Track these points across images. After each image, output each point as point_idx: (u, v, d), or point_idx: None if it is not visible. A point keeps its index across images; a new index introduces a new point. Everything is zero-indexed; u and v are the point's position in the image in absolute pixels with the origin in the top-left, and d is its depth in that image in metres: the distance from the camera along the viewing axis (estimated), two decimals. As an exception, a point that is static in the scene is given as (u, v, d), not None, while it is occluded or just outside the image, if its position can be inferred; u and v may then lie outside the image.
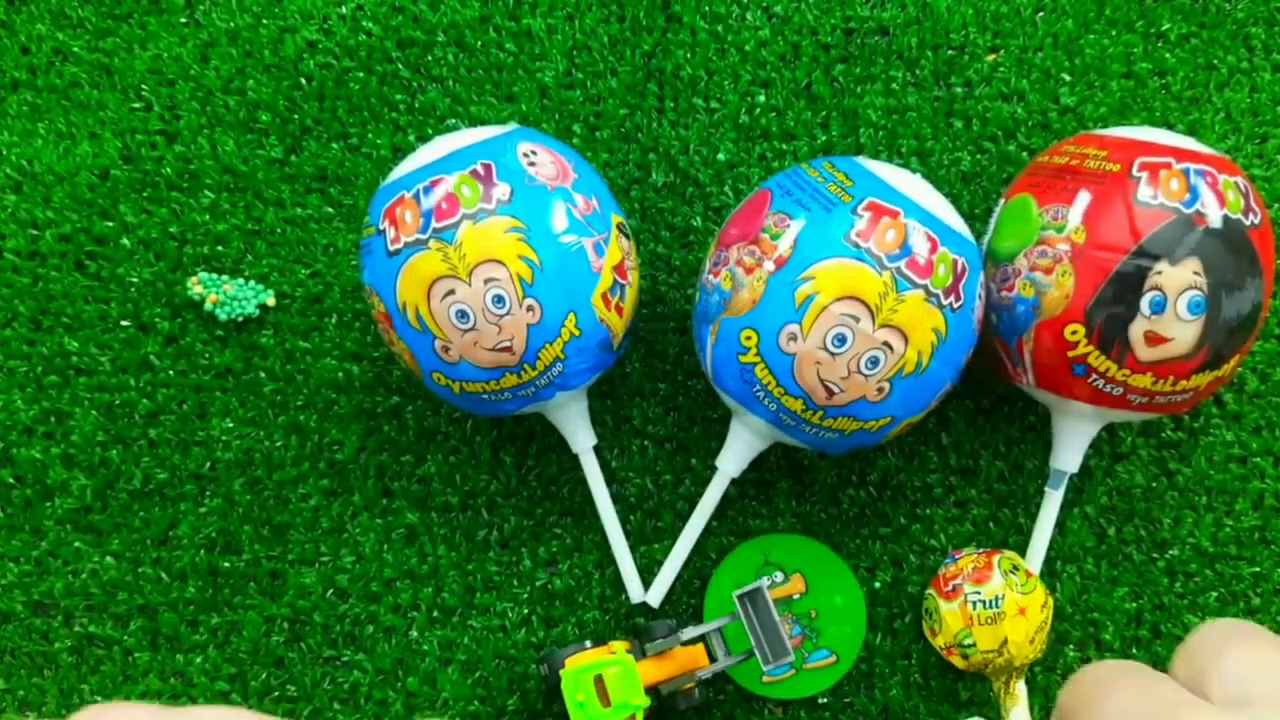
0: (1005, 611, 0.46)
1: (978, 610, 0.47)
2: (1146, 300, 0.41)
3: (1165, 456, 0.53)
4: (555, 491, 0.53)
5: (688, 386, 0.54)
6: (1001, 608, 0.46)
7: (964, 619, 0.47)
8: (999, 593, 0.47)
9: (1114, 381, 0.43)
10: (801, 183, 0.44)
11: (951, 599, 0.48)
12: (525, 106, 0.55)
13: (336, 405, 0.53)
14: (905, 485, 0.53)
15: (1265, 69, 0.55)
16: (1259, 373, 0.53)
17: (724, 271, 0.44)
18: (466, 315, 0.42)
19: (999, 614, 0.46)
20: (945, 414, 0.53)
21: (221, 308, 0.53)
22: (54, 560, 0.52)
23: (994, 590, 0.47)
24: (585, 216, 0.44)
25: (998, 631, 0.46)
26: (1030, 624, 0.47)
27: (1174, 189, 0.42)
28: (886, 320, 0.41)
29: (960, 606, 0.47)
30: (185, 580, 0.52)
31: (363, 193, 0.55)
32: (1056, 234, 0.43)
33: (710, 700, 0.51)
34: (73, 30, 0.56)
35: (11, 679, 0.52)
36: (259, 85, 0.56)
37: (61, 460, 0.53)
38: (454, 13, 0.56)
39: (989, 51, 0.56)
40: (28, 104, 0.56)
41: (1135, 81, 0.55)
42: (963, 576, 0.48)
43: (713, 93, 0.55)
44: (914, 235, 0.41)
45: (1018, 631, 0.46)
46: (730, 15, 0.56)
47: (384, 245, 0.43)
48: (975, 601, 0.47)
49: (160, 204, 0.55)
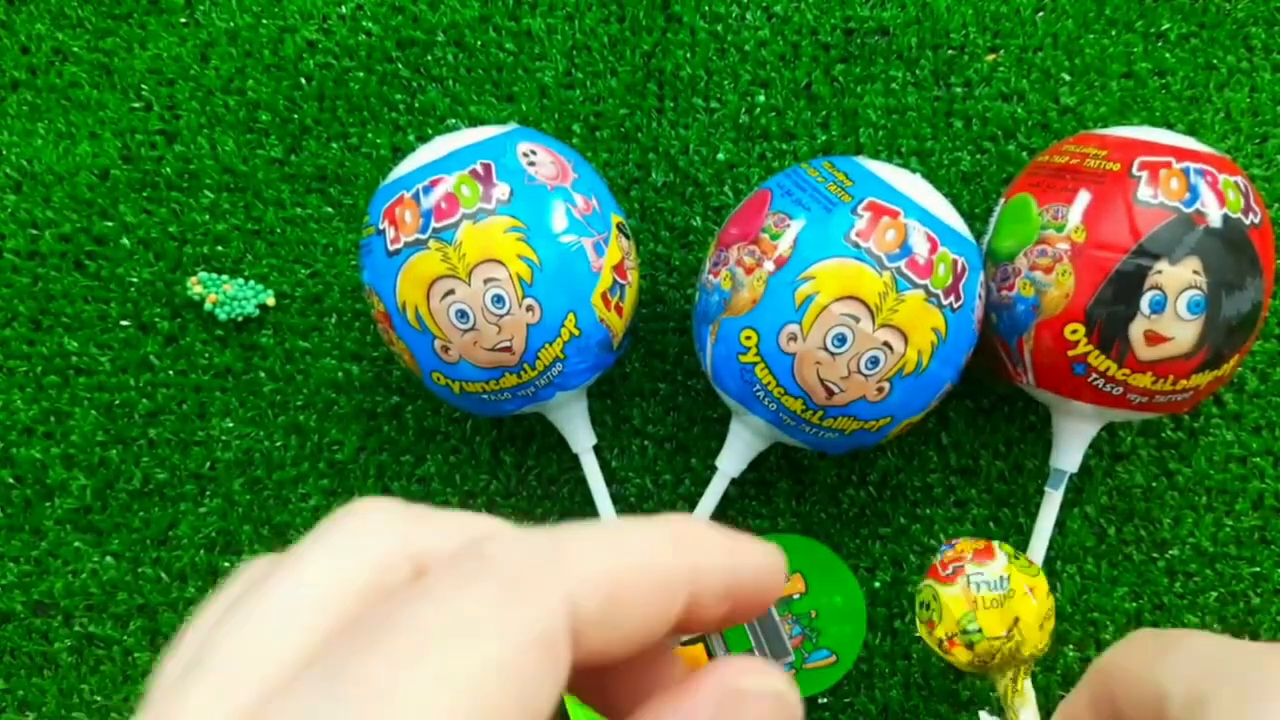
0: (1014, 590, 0.42)
1: (982, 592, 0.42)
2: (1146, 299, 0.41)
3: (1165, 456, 0.53)
4: (555, 491, 0.53)
5: (688, 386, 0.54)
6: (1009, 587, 0.42)
7: (967, 603, 0.42)
8: (1004, 572, 0.42)
9: (1114, 381, 0.43)
10: (801, 182, 0.44)
11: (951, 582, 0.43)
12: (525, 106, 0.55)
13: (336, 405, 0.53)
14: (905, 485, 0.53)
15: (1265, 69, 0.55)
16: (1259, 372, 0.53)
17: (724, 271, 0.44)
18: (466, 315, 0.42)
19: (1007, 594, 0.42)
20: (945, 414, 0.53)
21: (221, 308, 0.53)
22: (54, 560, 0.52)
23: (998, 570, 0.42)
24: (585, 216, 0.44)
25: (1006, 613, 0.42)
26: (1040, 607, 0.42)
27: (1174, 188, 0.42)
28: (886, 320, 0.41)
29: (963, 590, 0.42)
30: (185, 580, 0.52)
31: (362, 193, 0.55)
32: (1056, 233, 0.43)
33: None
34: (72, 30, 0.56)
35: (11, 679, 0.52)
36: (259, 85, 0.56)
37: (61, 460, 0.53)
38: (454, 13, 0.56)
39: (989, 51, 0.56)
40: (28, 104, 0.56)
41: (1135, 81, 0.55)
42: (963, 559, 0.43)
43: (713, 93, 0.55)
44: (914, 235, 0.41)
45: (1028, 612, 0.42)
46: (730, 15, 0.56)
47: (384, 245, 0.43)
48: (979, 583, 0.42)
49: (160, 204, 0.55)
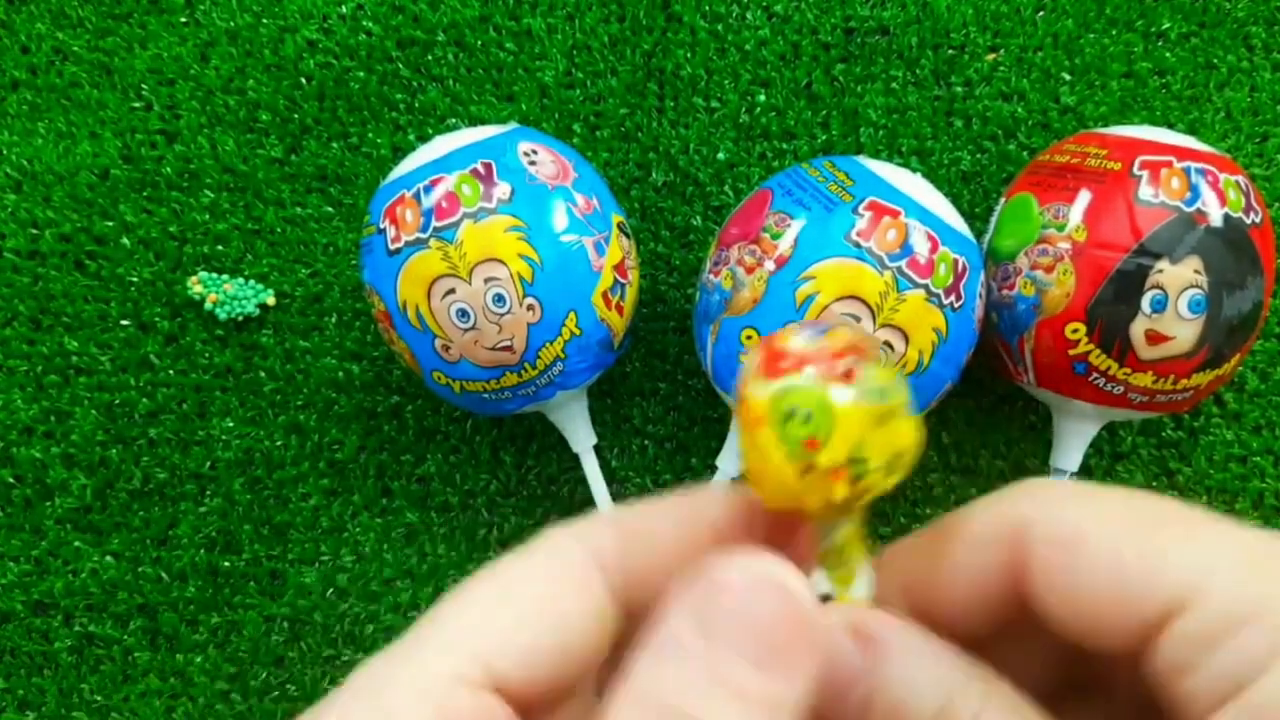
0: (896, 403, 0.23)
1: (873, 403, 0.22)
2: (1147, 299, 0.41)
3: (1165, 456, 0.53)
4: (555, 491, 0.53)
5: (688, 386, 0.54)
6: (890, 400, 0.22)
7: (863, 418, 0.22)
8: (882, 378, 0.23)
9: (1115, 380, 0.43)
10: (802, 182, 0.44)
11: (848, 382, 0.22)
12: (525, 106, 0.55)
13: (336, 405, 0.53)
14: (905, 485, 0.53)
15: (1265, 68, 0.55)
16: (1259, 372, 0.53)
17: (724, 271, 0.44)
18: (467, 314, 0.42)
19: (890, 409, 0.23)
20: (945, 414, 0.53)
21: (221, 307, 0.53)
22: (54, 560, 0.52)
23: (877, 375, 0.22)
24: (585, 216, 0.44)
25: (890, 435, 0.23)
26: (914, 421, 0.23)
27: (1175, 187, 0.42)
28: (887, 320, 0.41)
29: (859, 398, 0.22)
30: (185, 580, 0.52)
31: (363, 192, 0.55)
32: (1057, 232, 0.43)
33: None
34: (73, 30, 0.56)
35: (11, 679, 0.52)
36: (259, 85, 0.56)
37: (61, 460, 0.53)
38: (454, 12, 0.56)
39: (989, 51, 0.56)
40: (28, 104, 0.56)
41: (1135, 81, 0.55)
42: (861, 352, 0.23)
43: (713, 92, 0.55)
44: (915, 235, 0.41)
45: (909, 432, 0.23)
46: (730, 15, 0.56)
47: (384, 244, 0.43)
48: (869, 390, 0.22)
49: (160, 204, 0.55)
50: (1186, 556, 0.17)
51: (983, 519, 0.20)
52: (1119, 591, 0.18)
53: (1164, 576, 0.17)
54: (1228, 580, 0.17)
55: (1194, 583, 0.17)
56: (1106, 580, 0.18)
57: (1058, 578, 0.18)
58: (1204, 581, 0.17)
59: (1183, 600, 0.17)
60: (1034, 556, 0.19)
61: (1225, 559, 0.17)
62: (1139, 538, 0.18)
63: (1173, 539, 0.18)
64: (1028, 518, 0.19)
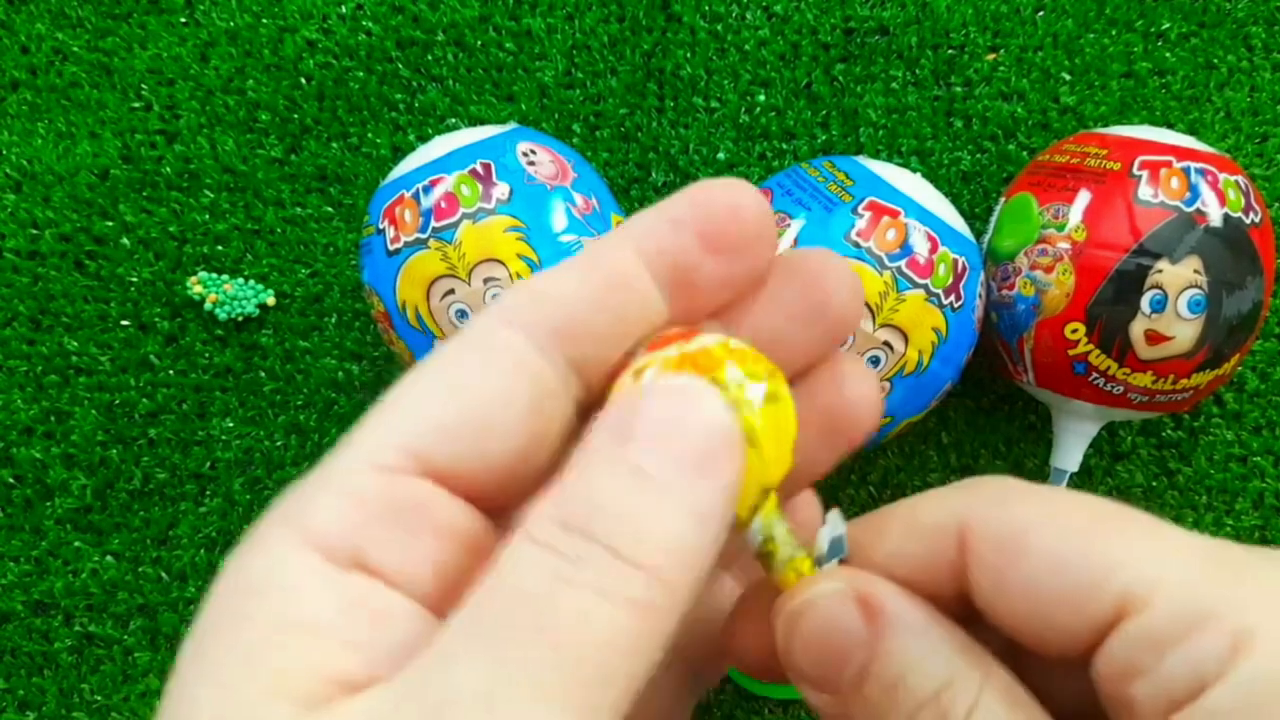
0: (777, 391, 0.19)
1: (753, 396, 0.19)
2: (1147, 299, 0.41)
3: (1165, 456, 0.53)
4: (555, 491, 0.53)
5: (688, 386, 0.53)
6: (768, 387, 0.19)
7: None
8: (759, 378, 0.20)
9: (1114, 380, 0.43)
10: (801, 182, 0.44)
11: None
12: (525, 106, 0.55)
13: (336, 405, 0.53)
14: (905, 485, 0.53)
15: (1265, 68, 0.55)
16: (1259, 372, 0.53)
17: (724, 271, 0.43)
18: (466, 314, 0.42)
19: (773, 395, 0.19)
20: (945, 414, 0.53)
21: (221, 307, 0.53)
22: (54, 560, 0.52)
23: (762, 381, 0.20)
24: (585, 216, 0.44)
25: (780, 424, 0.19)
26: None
27: (1174, 187, 0.42)
28: (887, 320, 0.41)
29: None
30: (185, 580, 0.52)
31: (362, 192, 0.55)
32: (1057, 232, 0.43)
33: (710, 700, 0.51)
34: (72, 30, 0.56)
35: (11, 679, 0.52)
36: (259, 85, 0.56)
37: (61, 460, 0.53)
38: (454, 12, 0.56)
39: (989, 51, 0.55)
40: (27, 104, 0.56)
41: (1135, 81, 0.55)
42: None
43: (712, 92, 0.55)
44: (914, 235, 0.41)
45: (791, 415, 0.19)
46: (730, 15, 0.56)
47: (383, 244, 0.43)
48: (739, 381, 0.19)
49: (160, 204, 0.55)
50: (1137, 556, 0.17)
51: (927, 510, 0.20)
52: (1062, 591, 0.17)
53: (1113, 576, 0.17)
54: (1181, 581, 0.16)
55: (1146, 582, 0.16)
56: (1049, 579, 0.17)
57: (998, 576, 0.18)
58: (1156, 581, 0.16)
59: (1133, 601, 0.16)
60: (973, 553, 0.18)
61: (1178, 560, 0.17)
62: (1086, 537, 0.17)
63: (1123, 540, 0.17)
64: (971, 514, 0.19)
